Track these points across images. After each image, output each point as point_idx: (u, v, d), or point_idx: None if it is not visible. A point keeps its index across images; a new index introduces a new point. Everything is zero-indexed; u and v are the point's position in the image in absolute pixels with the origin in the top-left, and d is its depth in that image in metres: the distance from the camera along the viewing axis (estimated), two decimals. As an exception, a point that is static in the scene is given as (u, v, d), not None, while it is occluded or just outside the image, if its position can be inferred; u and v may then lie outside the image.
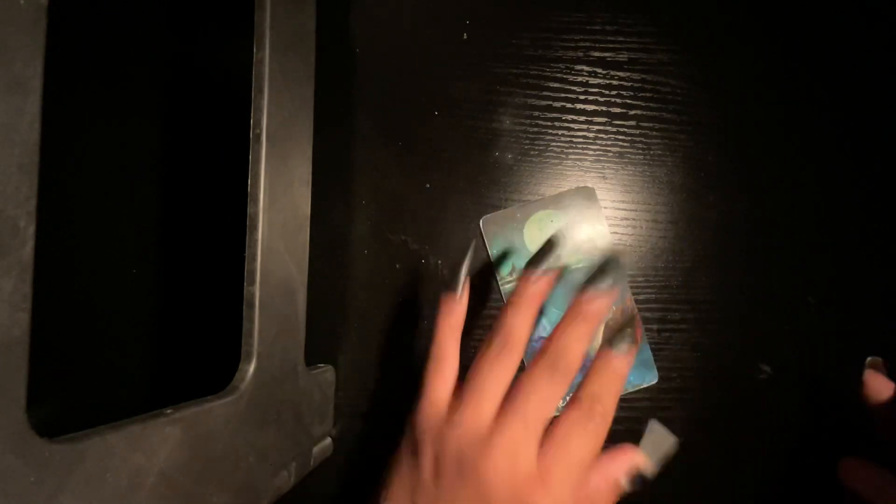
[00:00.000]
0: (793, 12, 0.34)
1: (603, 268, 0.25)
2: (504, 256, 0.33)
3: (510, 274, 0.33)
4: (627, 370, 0.25)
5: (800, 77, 0.34)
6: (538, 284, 0.26)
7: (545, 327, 0.33)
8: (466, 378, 0.25)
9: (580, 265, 0.33)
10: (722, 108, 0.34)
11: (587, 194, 0.33)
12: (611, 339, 0.25)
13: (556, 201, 0.33)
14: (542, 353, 0.24)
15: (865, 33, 0.34)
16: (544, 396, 0.23)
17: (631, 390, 0.33)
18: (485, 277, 0.34)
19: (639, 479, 0.24)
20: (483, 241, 0.33)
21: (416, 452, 0.24)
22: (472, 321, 0.33)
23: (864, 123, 0.34)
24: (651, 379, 0.33)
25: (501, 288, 0.33)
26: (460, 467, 0.23)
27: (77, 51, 0.34)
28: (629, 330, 0.25)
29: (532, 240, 0.33)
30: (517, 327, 0.25)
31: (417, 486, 0.24)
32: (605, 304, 0.24)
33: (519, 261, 0.33)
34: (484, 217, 0.33)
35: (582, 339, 0.24)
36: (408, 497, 0.24)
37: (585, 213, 0.34)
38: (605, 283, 0.24)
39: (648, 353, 0.33)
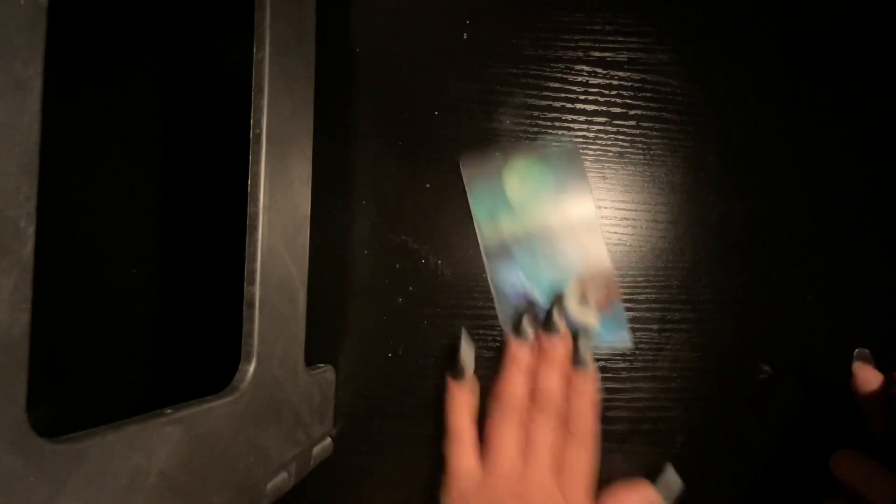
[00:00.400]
0: (793, 12, 0.34)
1: (551, 313, 0.31)
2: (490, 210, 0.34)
3: (489, 222, 0.33)
4: (591, 385, 0.30)
5: (800, 77, 0.34)
6: (527, 350, 0.31)
7: (523, 283, 0.33)
8: (485, 443, 0.30)
9: (559, 225, 0.33)
10: (722, 108, 0.34)
11: (571, 152, 0.33)
12: (572, 358, 0.31)
13: (539, 151, 0.33)
14: (535, 405, 0.30)
15: (866, 33, 0.34)
16: (544, 433, 0.29)
17: (602, 347, 0.33)
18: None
19: None
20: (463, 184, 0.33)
21: None
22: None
23: (865, 123, 0.34)
24: (623, 339, 0.33)
25: (478, 236, 0.33)
26: None
27: (77, 51, 0.34)
28: (580, 345, 0.30)
29: (513, 190, 0.33)
30: (517, 391, 0.30)
31: None
32: (563, 346, 0.31)
33: (497, 207, 0.33)
34: (463, 158, 0.33)
35: (558, 379, 0.30)
36: None
37: (568, 172, 0.33)
38: (558, 329, 0.31)
39: (622, 314, 0.33)
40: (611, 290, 0.33)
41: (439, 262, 0.34)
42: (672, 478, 0.31)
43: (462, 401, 0.31)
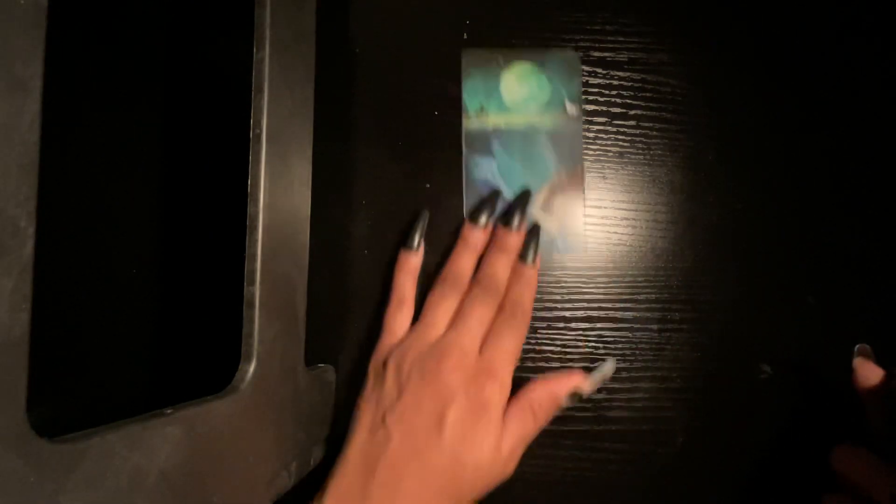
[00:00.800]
0: (794, 12, 0.34)
1: (514, 206, 0.32)
2: (476, 96, 0.34)
3: (476, 113, 0.33)
4: (536, 276, 0.31)
5: (800, 77, 0.34)
6: (481, 235, 0.32)
7: (496, 177, 0.34)
8: (423, 309, 0.31)
9: (545, 127, 0.34)
10: (722, 109, 0.34)
11: (572, 62, 0.34)
12: (520, 252, 0.31)
13: (541, 57, 0.34)
14: (476, 283, 0.30)
15: (866, 33, 0.34)
16: (481, 314, 0.29)
17: (554, 256, 0.33)
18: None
19: (576, 398, 0.29)
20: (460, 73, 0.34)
21: (379, 379, 0.29)
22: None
23: (865, 123, 0.34)
24: (577, 250, 0.33)
25: (463, 122, 0.33)
26: (421, 372, 0.28)
27: (77, 51, 0.34)
28: (532, 242, 0.31)
29: (508, 89, 0.33)
30: (464, 270, 0.31)
31: (384, 404, 0.28)
32: (518, 238, 0.31)
33: (489, 103, 0.33)
34: (465, 49, 0.34)
35: (504, 266, 0.31)
36: (377, 419, 0.28)
37: (565, 82, 0.34)
38: (516, 222, 0.31)
39: (583, 230, 0.33)
40: (578, 204, 0.33)
41: (439, 262, 0.34)
42: (608, 368, 0.30)
43: (408, 266, 0.32)
